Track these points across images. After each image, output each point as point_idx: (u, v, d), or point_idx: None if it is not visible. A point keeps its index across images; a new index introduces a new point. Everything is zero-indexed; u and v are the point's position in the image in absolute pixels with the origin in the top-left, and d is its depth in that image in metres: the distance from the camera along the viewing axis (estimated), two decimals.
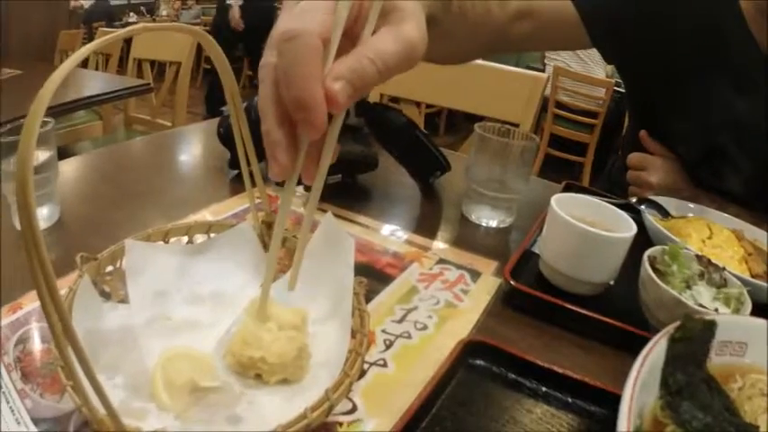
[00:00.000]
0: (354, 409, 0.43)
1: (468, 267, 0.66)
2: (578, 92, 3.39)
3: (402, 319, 0.55)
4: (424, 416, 0.42)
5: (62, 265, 0.51)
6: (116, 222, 0.69)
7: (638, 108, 1.03)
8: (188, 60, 2.33)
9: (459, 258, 0.68)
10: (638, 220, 0.63)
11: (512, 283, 0.59)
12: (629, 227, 0.59)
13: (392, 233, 0.72)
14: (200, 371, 0.40)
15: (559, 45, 1.09)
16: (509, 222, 0.78)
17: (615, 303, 0.59)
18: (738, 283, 0.55)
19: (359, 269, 0.47)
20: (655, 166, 0.89)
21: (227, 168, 0.86)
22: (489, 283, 0.63)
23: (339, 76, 0.33)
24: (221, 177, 0.85)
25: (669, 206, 0.79)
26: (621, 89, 2.26)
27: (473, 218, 0.78)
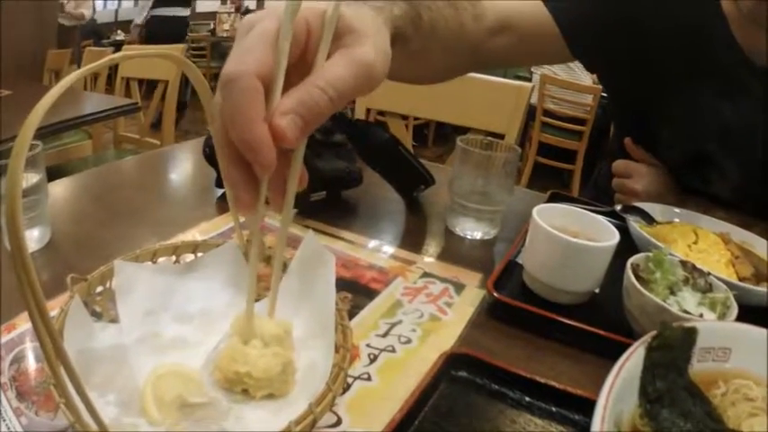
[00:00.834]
0: (339, 422, 0.44)
1: (453, 280, 0.67)
2: (565, 99, 3.41)
3: (386, 333, 0.56)
4: (407, 428, 0.42)
5: (53, 285, 0.52)
6: (106, 242, 0.70)
7: (622, 116, 1.02)
8: (176, 79, 2.36)
9: (444, 271, 0.68)
10: (623, 228, 0.63)
11: (495, 294, 0.59)
12: (611, 235, 0.59)
13: (377, 248, 0.73)
14: (188, 387, 0.41)
15: (541, 59, 1.07)
16: (494, 234, 0.79)
17: (600, 312, 0.60)
18: (724, 287, 0.55)
19: (344, 285, 0.48)
20: (640, 174, 0.89)
21: (213, 187, 0.87)
22: (473, 295, 0.64)
23: (286, 110, 0.33)
24: (209, 196, 0.86)
25: (654, 212, 0.79)
26: None
27: (457, 230, 0.79)
